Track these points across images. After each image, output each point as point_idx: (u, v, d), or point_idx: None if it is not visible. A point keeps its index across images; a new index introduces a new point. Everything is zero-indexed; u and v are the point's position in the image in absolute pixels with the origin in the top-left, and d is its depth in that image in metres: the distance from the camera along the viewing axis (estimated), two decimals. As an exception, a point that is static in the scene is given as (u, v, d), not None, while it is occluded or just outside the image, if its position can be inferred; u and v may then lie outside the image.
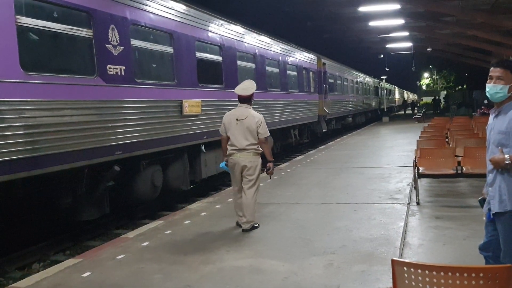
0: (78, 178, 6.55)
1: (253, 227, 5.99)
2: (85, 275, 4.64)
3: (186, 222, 6.64)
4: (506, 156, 3.09)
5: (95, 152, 6.33)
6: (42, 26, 5.69)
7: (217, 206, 7.59)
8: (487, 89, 3.27)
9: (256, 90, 6.20)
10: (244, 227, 5.93)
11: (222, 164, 6.21)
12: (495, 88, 3.19)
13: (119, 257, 5.16)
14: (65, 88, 5.89)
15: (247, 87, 6.06)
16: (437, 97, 42.30)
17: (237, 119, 5.89)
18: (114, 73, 6.76)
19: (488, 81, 3.27)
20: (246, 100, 6.03)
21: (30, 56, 5.58)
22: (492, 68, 3.27)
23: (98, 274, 4.65)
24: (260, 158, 6.04)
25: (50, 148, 5.60)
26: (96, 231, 7.65)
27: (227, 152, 6.00)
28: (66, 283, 4.46)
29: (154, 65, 8.19)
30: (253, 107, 6.13)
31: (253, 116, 5.91)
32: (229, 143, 5.97)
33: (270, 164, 6.10)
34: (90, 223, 7.54)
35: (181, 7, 8.75)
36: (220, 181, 11.46)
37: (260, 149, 5.97)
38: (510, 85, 3.16)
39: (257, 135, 5.88)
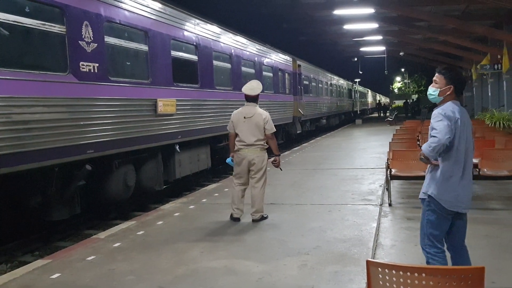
0: (48, 177, 6.39)
1: (262, 218, 6.38)
2: (54, 276, 4.53)
3: (159, 222, 6.56)
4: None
5: (66, 151, 6.20)
6: (12, 21, 5.53)
7: (191, 207, 7.52)
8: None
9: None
10: (254, 218, 6.34)
11: (229, 160, 6.57)
12: (429, 90, 3.57)
13: (89, 258, 5.06)
14: (36, 84, 5.74)
15: (254, 87, 6.42)
16: (407, 100, 42.97)
17: (244, 117, 6.26)
18: (87, 70, 6.63)
19: None
20: (253, 99, 6.40)
21: (0, 51, 5.42)
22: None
23: (68, 276, 4.55)
24: (266, 154, 6.42)
25: (18, 146, 5.46)
26: (66, 232, 7.49)
27: (235, 148, 6.36)
28: (35, 285, 4.34)
29: (129, 63, 8.07)
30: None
31: (260, 113, 6.30)
32: (237, 139, 6.34)
33: (276, 158, 6.60)
34: (60, 223, 7.38)
35: (157, 5, 8.66)
36: (194, 181, 11.38)
37: (267, 145, 6.38)
38: (441, 88, 3.48)
39: (264, 131, 6.24)
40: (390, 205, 6.99)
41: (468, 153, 3.47)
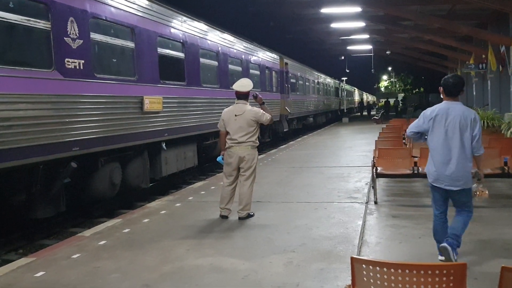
0: (33, 174, 6.33)
1: (249, 215, 6.36)
2: (38, 274, 4.49)
3: (145, 220, 6.54)
4: None
5: (51, 148, 6.14)
6: (-4, 16, 5.46)
7: (177, 205, 7.50)
8: None
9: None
10: (240, 215, 6.31)
11: (219, 158, 6.51)
12: None
13: (74, 256, 5.02)
14: (20, 81, 5.67)
15: (244, 84, 6.46)
16: (388, 100, 43.02)
17: (235, 115, 6.23)
18: (73, 67, 6.57)
19: None
20: (243, 96, 6.41)
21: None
22: None
23: (52, 274, 4.51)
24: (257, 152, 6.41)
25: (2, 143, 5.38)
26: (51, 230, 7.42)
27: (226, 145, 6.27)
28: (18, 283, 4.30)
29: (115, 60, 8.02)
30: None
31: (251, 110, 6.30)
32: (228, 137, 6.30)
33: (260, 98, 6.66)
34: (45, 221, 7.30)
35: (143, 2, 8.60)
36: (181, 179, 11.35)
37: (257, 142, 6.36)
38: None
39: (263, 120, 6.26)
40: (375, 203, 7.05)
41: (450, 143, 4.33)
